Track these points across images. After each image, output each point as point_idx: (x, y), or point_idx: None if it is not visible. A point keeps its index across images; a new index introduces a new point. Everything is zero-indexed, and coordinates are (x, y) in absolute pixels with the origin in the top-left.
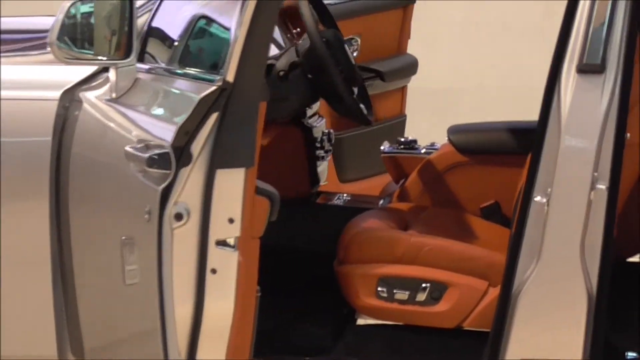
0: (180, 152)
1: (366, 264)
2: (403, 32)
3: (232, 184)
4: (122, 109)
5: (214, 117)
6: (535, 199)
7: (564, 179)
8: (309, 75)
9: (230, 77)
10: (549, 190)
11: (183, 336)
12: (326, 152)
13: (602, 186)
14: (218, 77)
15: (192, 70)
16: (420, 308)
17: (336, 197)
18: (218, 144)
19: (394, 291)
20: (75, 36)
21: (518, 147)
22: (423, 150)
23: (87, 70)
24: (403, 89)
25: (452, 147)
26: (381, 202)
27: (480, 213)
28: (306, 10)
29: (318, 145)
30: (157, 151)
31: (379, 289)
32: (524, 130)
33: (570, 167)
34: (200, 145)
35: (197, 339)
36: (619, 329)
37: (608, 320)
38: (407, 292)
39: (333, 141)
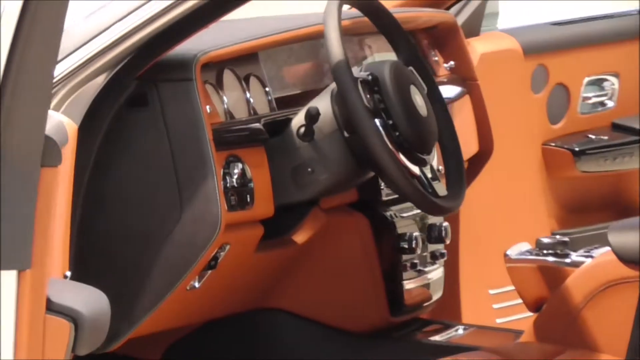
0: None
1: None
2: None
3: None
4: None
5: None
6: None
7: None
8: (345, 134)
9: None
10: None
11: None
12: (431, 259)
13: None
14: None
15: None
16: None
17: (454, 329)
18: None
19: None
20: None
21: None
22: (570, 259)
23: None
24: None
25: (614, 255)
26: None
27: None
28: (332, 14)
29: (405, 246)
30: None
31: None
32: None
33: None
34: None
35: None
36: None
37: None
38: None
39: (448, 239)
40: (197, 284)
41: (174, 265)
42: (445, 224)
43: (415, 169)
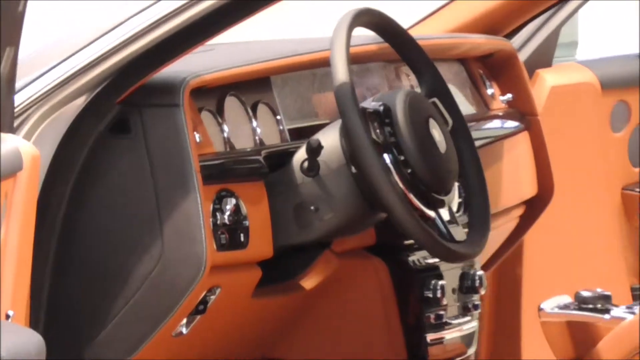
0: None
1: None
2: None
3: None
4: None
5: None
6: None
7: None
8: (353, 169)
9: None
10: None
11: None
12: (463, 311)
13: None
14: None
15: None
16: None
17: None
18: None
19: None
20: None
21: None
22: (610, 315)
23: None
24: None
25: None
26: None
27: None
28: (339, 35)
29: (429, 295)
30: None
31: None
32: None
33: None
34: None
35: None
36: None
37: None
38: None
39: (484, 289)
40: (184, 330)
41: (155, 308)
42: (480, 272)
43: (429, 211)
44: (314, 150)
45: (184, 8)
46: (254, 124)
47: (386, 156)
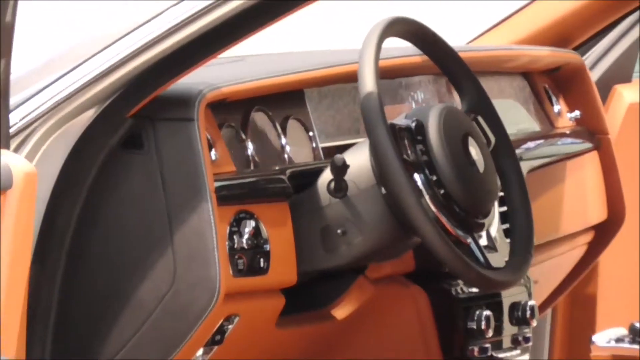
0: None
1: None
2: None
3: None
4: None
5: None
6: None
7: None
8: (383, 190)
9: None
10: None
11: None
12: (512, 344)
13: None
14: None
15: None
16: None
17: None
18: None
19: None
20: None
21: None
22: None
23: None
24: None
25: None
26: None
27: None
28: (369, 46)
29: (473, 327)
30: None
31: None
32: None
33: None
34: None
35: None
36: None
37: None
38: None
39: (535, 320)
40: None
41: (168, 335)
42: (532, 302)
43: (464, 235)
44: (339, 170)
45: (200, 14)
46: (283, 141)
47: (417, 176)
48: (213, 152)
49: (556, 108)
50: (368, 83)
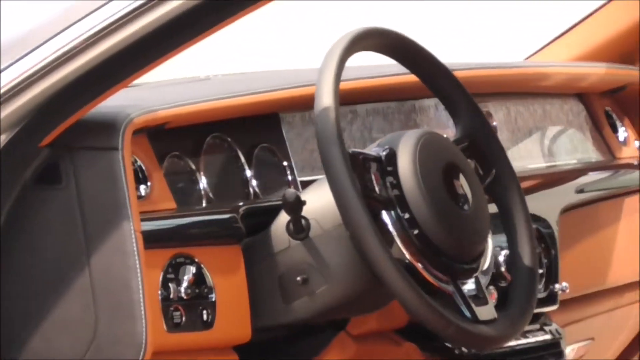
0: None
1: None
2: None
3: None
4: None
5: None
6: None
7: None
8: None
9: None
10: None
11: None
12: None
13: None
14: None
15: None
16: None
17: None
18: None
19: None
20: None
21: None
22: None
23: None
24: None
25: None
26: None
27: None
28: (330, 62)
29: None
30: None
31: None
32: None
33: None
34: None
35: None
36: None
37: None
38: None
39: None
40: None
41: None
42: None
43: (445, 284)
44: (292, 207)
45: (124, 21)
46: (248, 173)
47: (386, 214)
48: (144, 186)
49: (621, 135)
50: (324, 103)
